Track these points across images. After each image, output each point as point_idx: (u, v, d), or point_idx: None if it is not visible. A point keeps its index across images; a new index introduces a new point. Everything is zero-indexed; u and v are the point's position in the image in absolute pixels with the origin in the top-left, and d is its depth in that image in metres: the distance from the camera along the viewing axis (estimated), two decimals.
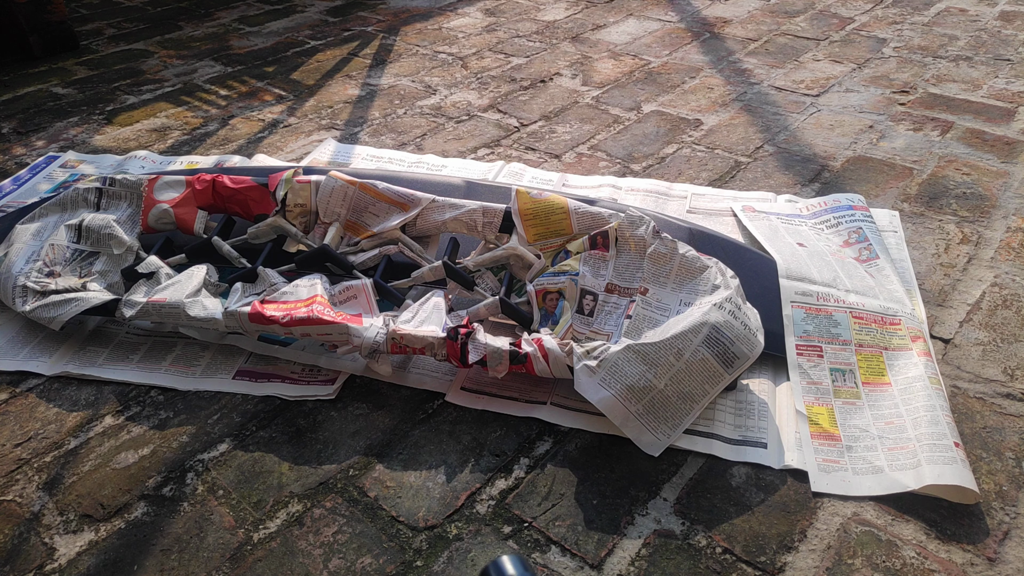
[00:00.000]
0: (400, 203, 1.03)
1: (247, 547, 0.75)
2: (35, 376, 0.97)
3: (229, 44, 2.04)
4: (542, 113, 1.60)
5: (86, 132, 1.58)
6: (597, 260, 0.96)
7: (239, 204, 1.08)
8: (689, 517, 0.77)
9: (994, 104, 1.56)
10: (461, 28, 2.09)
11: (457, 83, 1.76)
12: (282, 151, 1.48)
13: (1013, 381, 0.91)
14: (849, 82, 1.69)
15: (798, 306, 0.97)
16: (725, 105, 1.61)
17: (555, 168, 1.39)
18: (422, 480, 0.81)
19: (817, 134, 1.48)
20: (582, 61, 1.85)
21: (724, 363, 0.83)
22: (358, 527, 0.77)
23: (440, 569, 0.72)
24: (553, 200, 1.00)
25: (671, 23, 2.08)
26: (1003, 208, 1.23)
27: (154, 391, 0.94)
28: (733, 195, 1.28)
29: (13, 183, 1.37)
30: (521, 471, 0.82)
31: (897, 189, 1.29)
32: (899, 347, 0.92)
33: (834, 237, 1.13)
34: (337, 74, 1.82)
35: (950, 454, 0.78)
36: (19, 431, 0.89)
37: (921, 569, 0.71)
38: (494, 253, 1.00)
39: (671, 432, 0.83)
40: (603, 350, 0.83)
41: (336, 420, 0.89)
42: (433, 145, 1.49)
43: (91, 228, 1.05)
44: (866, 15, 2.08)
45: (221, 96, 1.73)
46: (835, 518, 0.76)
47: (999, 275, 1.08)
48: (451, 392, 0.92)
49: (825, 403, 0.87)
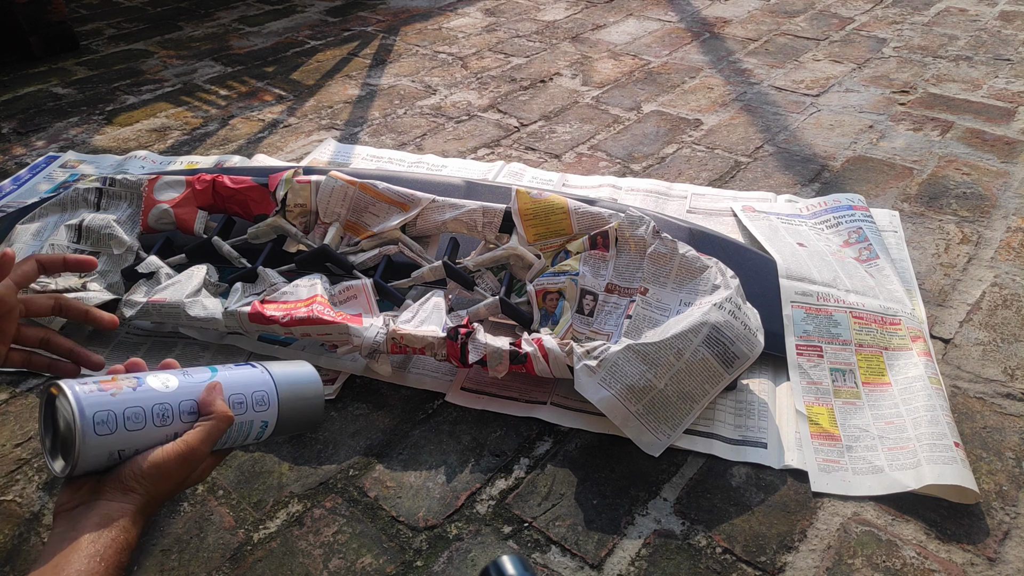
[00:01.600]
0: (400, 203, 1.03)
1: (247, 547, 0.75)
2: (35, 376, 0.97)
3: (229, 44, 2.04)
4: (542, 113, 1.60)
5: (86, 132, 1.58)
6: (597, 260, 0.96)
7: (239, 204, 1.08)
8: (689, 517, 0.77)
9: (994, 104, 1.56)
10: (461, 28, 2.09)
11: (457, 83, 1.76)
12: (282, 151, 1.48)
13: (1013, 381, 0.91)
14: (849, 82, 1.69)
15: (798, 306, 0.97)
16: (725, 105, 1.61)
17: (555, 168, 1.39)
18: (422, 480, 0.81)
19: (817, 134, 1.48)
20: (582, 61, 1.85)
21: (724, 363, 0.83)
22: (358, 527, 0.77)
23: (440, 569, 0.72)
24: (553, 200, 1.00)
25: (671, 23, 2.08)
26: (1003, 208, 1.23)
27: None
28: (733, 195, 1.28)
29: (13, 183, 1.37)
30: (521, 471, 0.82)
31: (897, 189, 1.29)
32: (899, 347, 0.92)
33: (834, 237, 1.13)
34: (337, 74, 1.82)
35: (950, 454, 0.78)
36: (19, 431, 0.89)
37: (921, 569, 0.71)
38: (494, 253, 1.00)
39: (671, 432, 0.83)
40: (603, 350, 0.83)
41: (336, 420, 0.89)
42: (433, 145, 1.49)
43: (91, 228, 1.05)
44: (866, 15, 2.08)
45: (221, 96, 1.73)
46: (835, 518, 0.76)
47: (999, 275, 1.08)
48: (451, 392, 0.92)
49: (825, 403, 0.87)
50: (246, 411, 0.61)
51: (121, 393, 0.55)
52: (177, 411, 0.57)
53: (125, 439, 0.55)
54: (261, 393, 0.62)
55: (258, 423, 0.62)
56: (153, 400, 0.56)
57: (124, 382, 0.56)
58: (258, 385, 0.62)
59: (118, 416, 0.54)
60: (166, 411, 0.57)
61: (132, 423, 0.55)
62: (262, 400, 0.62)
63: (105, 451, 0.54)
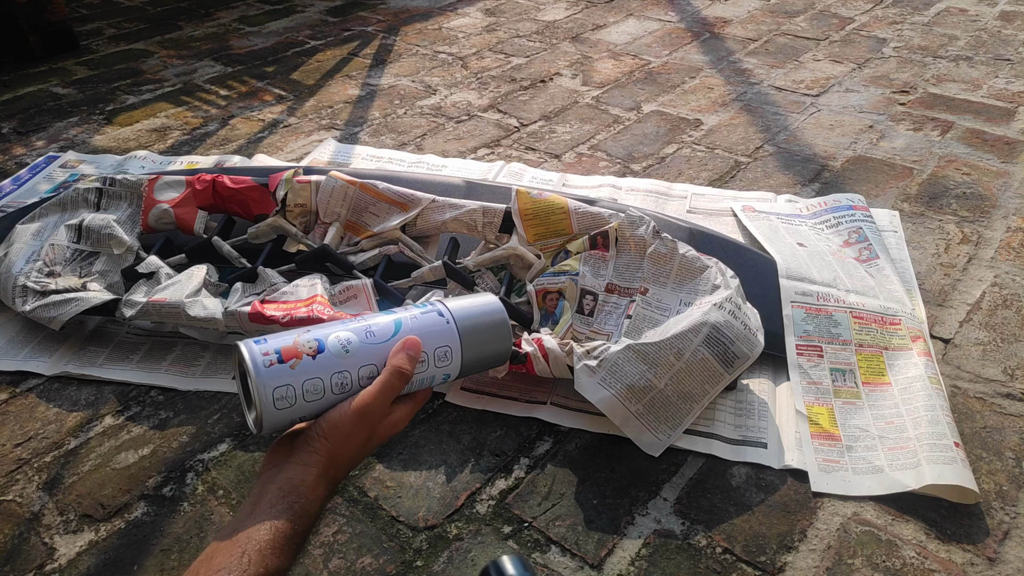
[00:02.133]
0: (400, 203, 1.03)
1: None
2: (35, 376, 0.97)
3: (229, 44, 2.04)
4: (542, 113, 1.60)
5: (86, 132, 1.58)
6: (597, 260, 0.96)
7: (239, 204, 1.08)
8: (689, 517, 0.77)
9: (994, 104, 1.56)
10: (461, 28, 2.09)
11: (457, 83, 1.76)
12: (282, 151, 1.48)
13: (1013, 381, 0.91)
14: (849, 82, 1.69)
15: (798, 306, 0.97)
16: (725, 105, 1.61)
17: (555, 168, 1.39)
18: (422, 480, 0.81)
19: (817, 134, 1.48)
20: (582, 61, 1.85)
21: (724, 363, 0.83)
22: (358, 527, 0.77)
23: (440, 569, 0.72)
24: (553, 200, 1.00)
25: (671, 23, 2.08)
26: (1003, 208, 1.23)
27: (154, 391, 0.94)
28: (733, 195, 1.28)
29: (13, 183, 1.37)
30: (521, 471, 0.82)
31: (897, 189, 1.29)
32: (899, 347, 0.92)
33: (834, 237, 1.13)
34: (337, 74, 1.82)
35: (950, 454, 0.78)
36: (19, 431, 0.89)
37: (921, 569, 0.71)
38: (494, 253, 1.00)
39: (671, 432, 0.83)
40: (603, 350, 0.83)
41: None
42: (433, 145, 1.49)
43: (91, 228, 1.05)
44: (866, 15, 2.08)
45: (221, 96, 1.73)
46: (835, 518, 0.76)
47: (999, 275, 1.08)
48: (451, 392, 0.92)
49: (825, 403, 0.87)
50: (427, 368, 0.59)
51: (300, 364, 0.55)
52: (356, 378, 0.56)
53: (305, 409, 0.55)
54: (444, 349, 0.60)
55: (440, 376, 0.61)
56: (332, 369, 0.56)
57: (304, 347, 0.55)
58: (441, 339, 0.60)
59: (296, 390, 0.54)
60: (345, 380, 0.56)
61: (311, 395, 0.55)
62: (444, 355, 0.60)
63: (287, 420, 0.55)
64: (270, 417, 0.54)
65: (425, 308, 0.61)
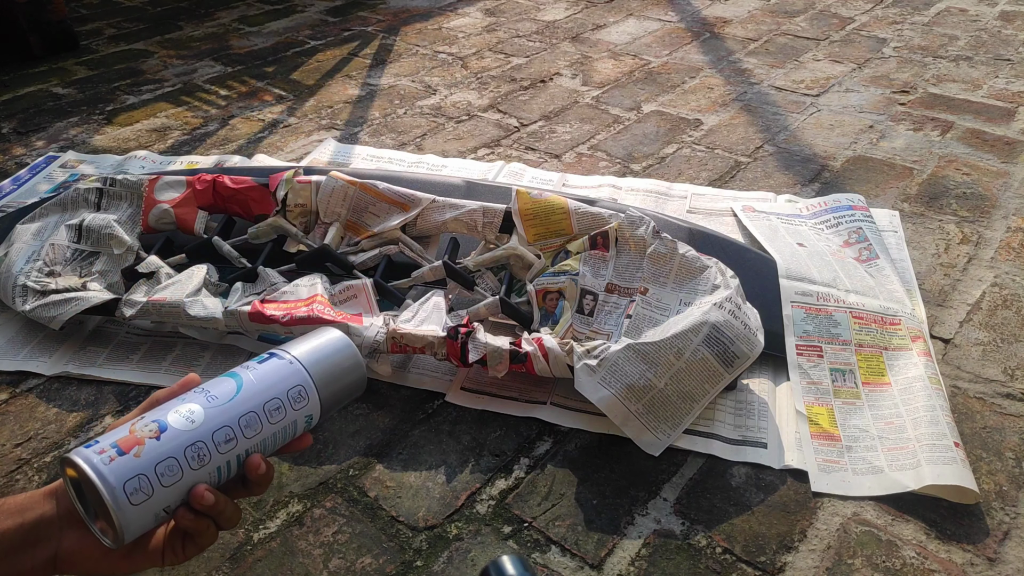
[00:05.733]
0: (400, 203, 1.03)
1: (247, 547, 0.75)
2: (35, 376, 0.97)
3: (229, 44, 2.04)
4: (542, 113, 1.60)
5: (86, 132, 1.58)
6: (597, 260, 0.96)
7: (239, 204, 1.08)
8: (689, 517, 0.77)
9: (994, 104, 1.56)
10: (461, 28, 2.09)
11: (457, 83, 1.76)
12: (282, 151, 1.48)
13: (1013, 381, 0.91)
14: (849, 82, 1.69)
15: (798, 306, 0.97)
16: (725, 105, 1.61)
17: (555, 168, 1.39)
18: (422, 480, 0.81)
19: (817, 134, 1.48)
20: (582, 61, 1.85)
21: (724, 363, 0.83)
22: (358, 527, 0.77)
23: (440, 569, 0.72)
24: (553, 200, 1.00)
25: (671, 23, 2.08)
26: (1003, 208, 1.23)
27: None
28: (733, 195, 1.28)
29: (13, 183, 1.37)
30: (521, 471, 0.82)
31: (897, 189, 1.29)
32: (899, 347, 0.92)
33: (834, 237, 1.13)
34: (337, 74, 1.82)
35: (950, 454, 0.78)
36: (19, 431, 0.89)
37: (921, 569, 0.71)
38: (494, 253, 1.00)
39: (671, 432, 0.83)
40: (603, 349, 0.83)
41: (336, 420, 0.89)
42: (433, 145, 1.49)
43: (91, 228, 1.05)
44: (866, 15, 2.08)
45: (221, 96, 1.73)
46: (835, 518, 0.76)
47: (999, 275, 1.08)
48: (451, 392, 0.92)
49: (825, 403, 0.87)
50: (285, 414, 0.56)
51: (145, 449, 0.50)
52: (212, 445, 0.52)
53: (166, 495, 0.50)
54: (297, 389, 0.57)
55: (302, 420, 0.57)
56: (183, 443, 0.51)
57: (144, 432, 0.51)
58: (291, 381, 0.57)
59: (150, 478, 0.49)
60: (200, 451, 0.52)
61: (168, 478, 0.50)
62: (299, 396, 0.57)
63: (150, 515, 0.50)
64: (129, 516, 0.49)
65: (261, 357, 0.58)
